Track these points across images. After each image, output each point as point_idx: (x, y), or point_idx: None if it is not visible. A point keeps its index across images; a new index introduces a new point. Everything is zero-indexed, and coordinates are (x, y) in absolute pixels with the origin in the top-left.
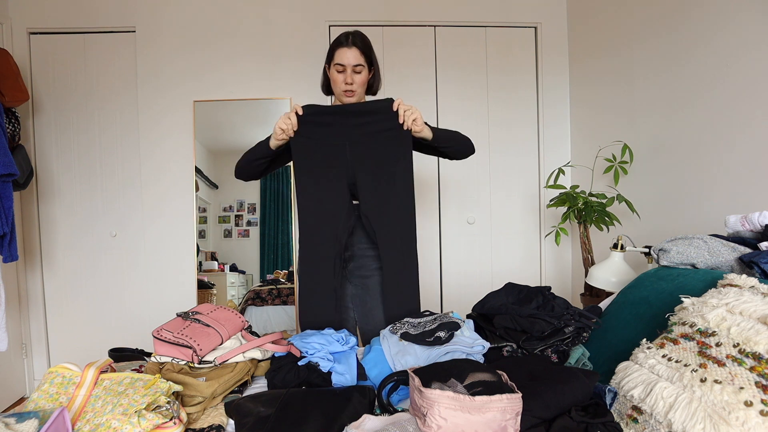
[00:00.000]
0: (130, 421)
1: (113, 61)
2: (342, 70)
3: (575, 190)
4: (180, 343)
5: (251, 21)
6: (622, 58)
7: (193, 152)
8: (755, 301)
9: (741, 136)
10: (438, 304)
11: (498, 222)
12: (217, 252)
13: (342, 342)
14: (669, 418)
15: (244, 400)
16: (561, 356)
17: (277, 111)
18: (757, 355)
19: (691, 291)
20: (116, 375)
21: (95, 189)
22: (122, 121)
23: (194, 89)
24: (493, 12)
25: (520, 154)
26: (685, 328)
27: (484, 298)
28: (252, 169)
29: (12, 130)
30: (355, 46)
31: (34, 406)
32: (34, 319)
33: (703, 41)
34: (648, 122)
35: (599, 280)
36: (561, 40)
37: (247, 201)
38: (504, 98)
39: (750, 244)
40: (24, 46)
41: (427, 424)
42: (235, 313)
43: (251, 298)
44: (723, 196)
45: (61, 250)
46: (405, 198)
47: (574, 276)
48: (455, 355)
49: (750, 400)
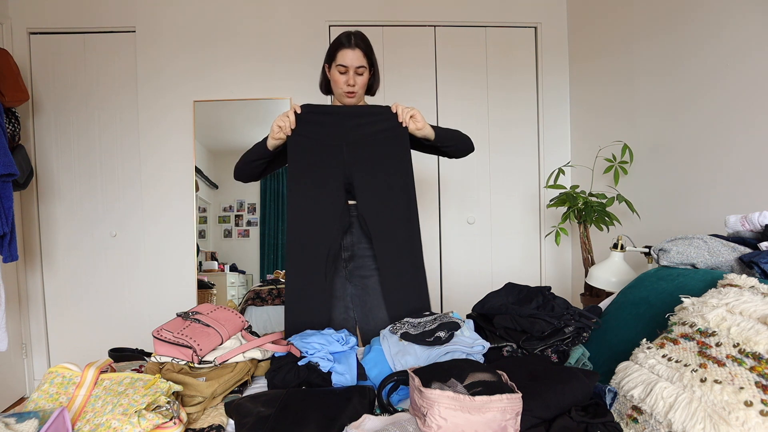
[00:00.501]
0: (130, 421)
1: (113, 61)
2: (344, 71)
3: (575, 190)
4: (180, 343)
5: (251, 21)
6: (622, 59)
7: (193, 152)
8: (755, 301)
9: (741, 136)
10: (438, 304)
11: (498, 222)
12: (217, 252)
13: (342, 342)
14: (669, 418)
15: (244, 400)
16: (561, 356)
17: (277, 111)
18: (757, 355)
19: (691, 291)
20: (116, 375)
21: (95, 189)
22: (122, 121)
23: (194, 89)
24: (493, 12)
25: (520, 154)
26: (685, 328)
27: (484, 298)
28: (250, 170)
29: (12, 130)
30: (358, 48)
31: (34, 406)
32: (34, 319)
33: (703, 41)
34: (648, 122)
35: (599, 280)
36: (561, 40)
37: (247, 201)
38: (504, 98)
39: (750, 244)
40: (24, 46)
41: (427, 424)
42: (235, 313)
43: (251, 298)
44: (723, 196)
45: (61, 250)
46: (404, 198)
47: (574, 276)
48: (455, 355)
49: (750, 400)
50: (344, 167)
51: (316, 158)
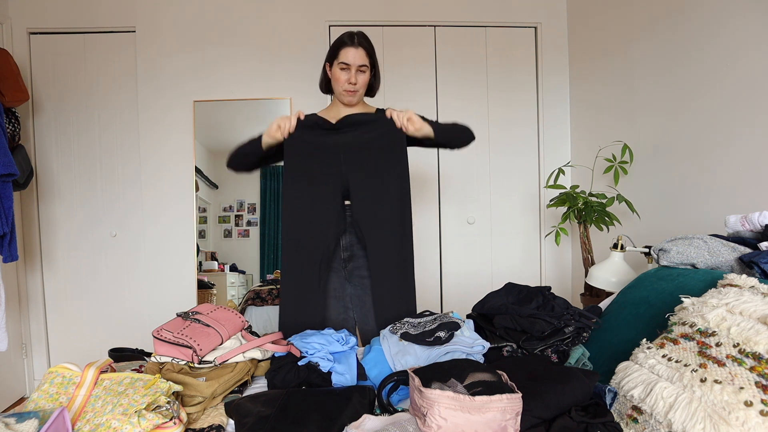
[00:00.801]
0: (130, 421)
1: (113, 62)
2: (346, 68)
3: (575, 190)
4: (180, 343)
5: (251, 21)
6: (622, 58)
7: (193, 152)
8: (755, 301)
9: (741, 136)
10: (438, 304)
11: (498, 222)
12: (217, 252)
13: (342, 342)
14: (669, 418)
15: (244, 400)
16: (561, 356)
17: (277, 111)
18: (757, 355)
19: (691, 291)
20: (116, 375)
21: (95, 189)
22: (122, 121)
23: (194, 89)
24: (493, 12)
25: (520, 154)
26: (685, 328)
27: (484, 298)
28: (241, 162)
29: (12, 130)
30: (361, 47)
31: (34, 406)
32: (34, 319)
33: (703, 41)
34: (648, 122)
35: (599, 280)
36: (561, 40)
37: (247, 201)
38: (504, 98)
39: (750, 244)
40: (24, 46)
41: (427, 424)
42: (235, 313)
43: (251, 298)
44: (723, 196)
45: (61, 250)
46: (398, 205)
47: (574, 276)
48: (455, 355)
49: (750, 400)
50: (341, 172)
51: (313, 161)
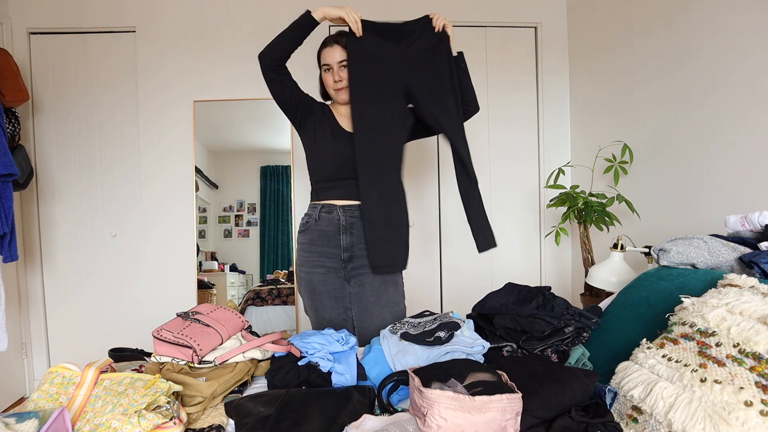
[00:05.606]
0: (130, 421)
1: (113, 62)
2: (328, 68)
3: (575, 190)
4: (180, 343)
5: (251, 21)
6: (622, 58)
7: (193, 152)
8: (755, 301)
9: (741, 136)
10: (438, 304)
11: (498, 222)
12: (217, 252)
13: (342, 342)
14: (669, 418)
15: (244, 400)
16: (561, 356)
17: (276, 111)
18: (757, 355)
19: (691, 291)
20: (116, 375)
21: (95, 189)
22: (122, 122)
23: (194, 89)
24: (493, 12)
25: (520, 154)
26: (685, 328)
27: (484, 298)
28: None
29: (12, 130)
30: (336, 44)
31: (34, 406)
32: (34, 319)
33: (704, 41)
34: (648, 122)
35: (599, 280)
36: (561, 39)
37: (247, 201)
38: (504, 98)
39: (750, 244)
40: (24, 46)
41: (427, 424)
42: (235, 313)
43: (251, 298)
44: (723, 196)
45: (61, 249)
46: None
47: (574, 276)
48: (455, 355)
49: (750, 400)
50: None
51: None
